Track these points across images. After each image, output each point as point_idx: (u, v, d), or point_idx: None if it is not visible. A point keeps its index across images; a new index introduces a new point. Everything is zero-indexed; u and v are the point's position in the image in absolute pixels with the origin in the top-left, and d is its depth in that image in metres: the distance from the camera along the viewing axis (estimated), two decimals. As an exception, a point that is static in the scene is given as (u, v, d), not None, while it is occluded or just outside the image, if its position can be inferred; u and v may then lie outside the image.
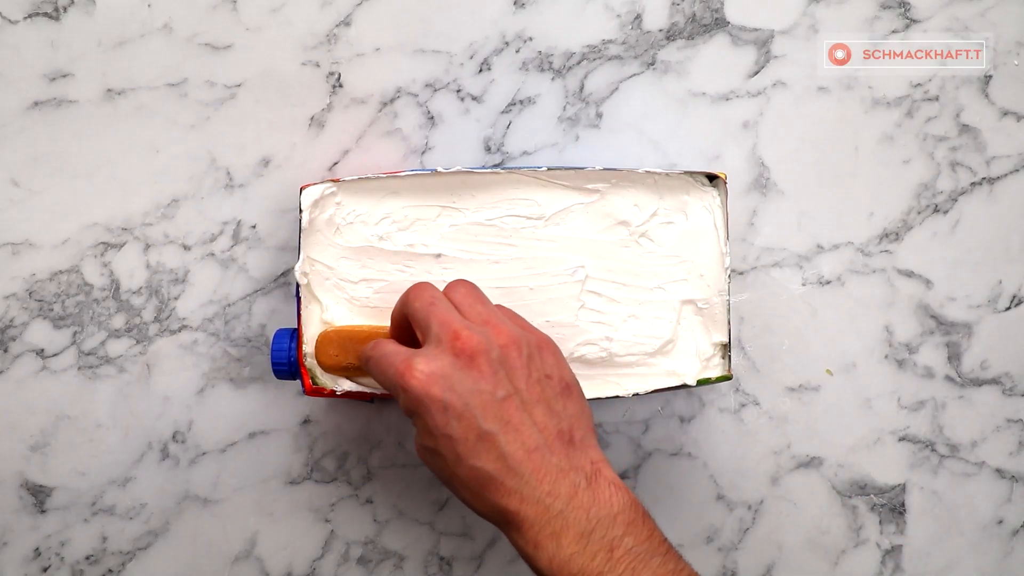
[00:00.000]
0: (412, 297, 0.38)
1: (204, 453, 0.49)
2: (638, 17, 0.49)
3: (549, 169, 0.44)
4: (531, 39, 0.49)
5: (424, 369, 0.35)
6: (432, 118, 0.49)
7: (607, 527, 0.34)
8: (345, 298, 0.43)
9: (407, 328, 0.39)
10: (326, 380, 0.43)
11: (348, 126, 0.48)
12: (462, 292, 0.39)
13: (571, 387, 0.38)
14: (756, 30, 0.50)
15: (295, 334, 0.43)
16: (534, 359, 0.37)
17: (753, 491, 0.51)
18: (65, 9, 0.47)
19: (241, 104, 0.48)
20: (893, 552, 0.52)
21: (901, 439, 0.52)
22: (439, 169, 0.43)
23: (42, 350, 0.48)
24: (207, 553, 0.50)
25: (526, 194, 0.44)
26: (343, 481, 0.50)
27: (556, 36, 0.49)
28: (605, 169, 0.44)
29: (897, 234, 0.51)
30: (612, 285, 0.44)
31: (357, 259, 0.43)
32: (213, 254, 0.49)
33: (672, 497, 0.51)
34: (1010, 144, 0.51)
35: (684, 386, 0.44)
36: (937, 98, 0.51)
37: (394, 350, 0.37)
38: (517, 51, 0.49)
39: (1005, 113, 0.51)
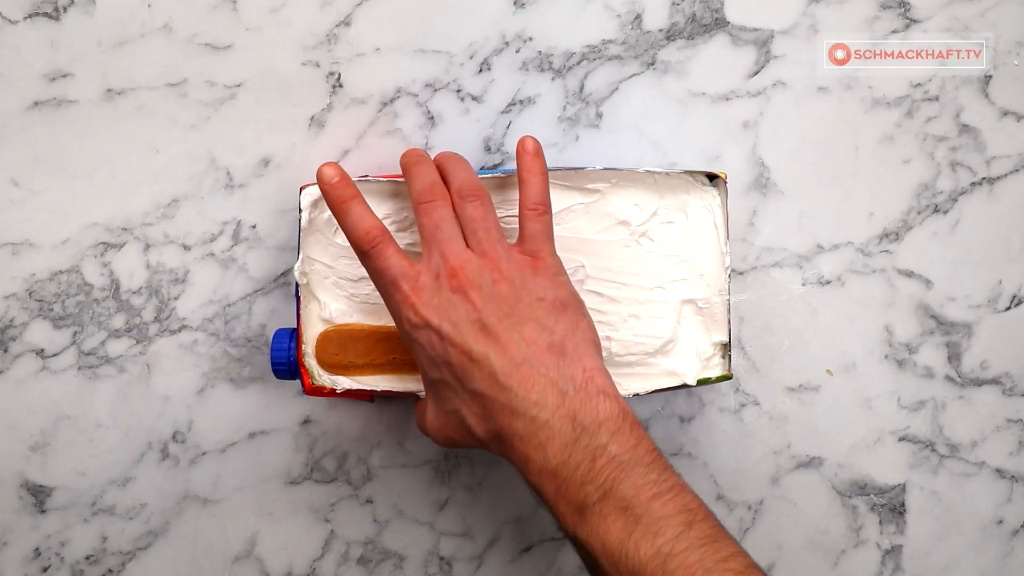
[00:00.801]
0: (422, 211, 0.39)
1: (204, 453, 0.49)
2: (638, 17, 0.49)
3: (549, 169, 0.44)
4: (531, 39, 0.49)
5: (425, 300, 0.37)
6: (432, 118, 0.49)
7: (591, 435, 0.34)
8: (344, 296, 0.43)
9: None
10: (326, 379, 0.43)
11: (348, 126, 0.48)
12: (470, 213, 0.39)
13: (566, 304, 0.38)
14: (756, 30, 0.50)
15: (295, 334, 0.43)
16: (527, 287, 0.38)
17: (753, 491, 0.51)
18: (65, 9, 0.47)
19: (241, 104, 0.48)
20: (893, 552, 0.52)
21: (901, 439, 0.52)
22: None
23: (42, 350, 0.48)
24: (207, 553, 0.49)
25: (526, 194, 0.44)
26: (343, 481, 0.50)
27: (556, 36, 0.49)
28: (605, 169, 0.44)
29: (897, 234, 0.51)
30: (612, 285, 0.44)
31: (357, 258, 0.43)
32: (213, 254, 0.49)
33: (672, 497, 0.51)
34: (1010, 144, 0.51)
35: (684, 386, 0.44)
36: (937, 98, 0.51)
37: (398, 267, 0.38)
38: (517, 51, 0.49)
39: (1005, 113, 0.51)
